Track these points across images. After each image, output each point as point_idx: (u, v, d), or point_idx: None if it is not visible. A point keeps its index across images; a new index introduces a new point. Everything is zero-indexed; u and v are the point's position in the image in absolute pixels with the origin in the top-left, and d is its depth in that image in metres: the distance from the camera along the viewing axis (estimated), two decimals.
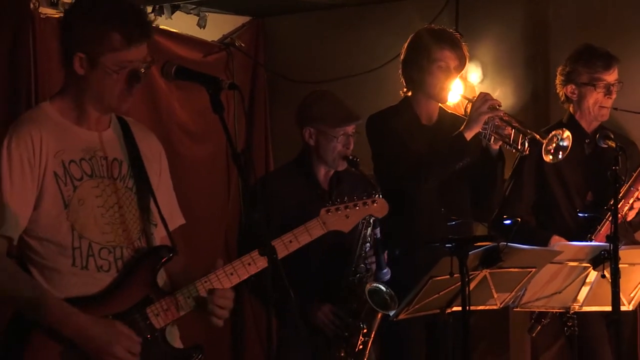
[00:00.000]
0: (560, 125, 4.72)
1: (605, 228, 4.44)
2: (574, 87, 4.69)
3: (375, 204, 3.55)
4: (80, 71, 3.03)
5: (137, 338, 3.03)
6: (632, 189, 4.46)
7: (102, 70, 3.01)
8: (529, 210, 4.74)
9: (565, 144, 4.22)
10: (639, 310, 4.47)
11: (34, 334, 2.99)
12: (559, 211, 4.70)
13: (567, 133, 4.22)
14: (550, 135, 4.19)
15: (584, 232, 4.54)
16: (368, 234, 4.08)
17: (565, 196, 4.68)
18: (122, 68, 3.01)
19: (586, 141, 4.66)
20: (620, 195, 4.41)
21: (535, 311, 4.45)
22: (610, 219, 4.29)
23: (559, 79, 4.75)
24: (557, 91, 4.77)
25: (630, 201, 4.47)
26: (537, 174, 4.64)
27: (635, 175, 4.46)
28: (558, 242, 4.49)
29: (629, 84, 4.90)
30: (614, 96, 4.66)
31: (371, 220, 4.08)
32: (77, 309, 2.99)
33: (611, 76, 4.65)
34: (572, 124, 4.68)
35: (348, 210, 3.47)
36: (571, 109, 4.74)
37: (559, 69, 4.76)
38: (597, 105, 4.65)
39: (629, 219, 4.54)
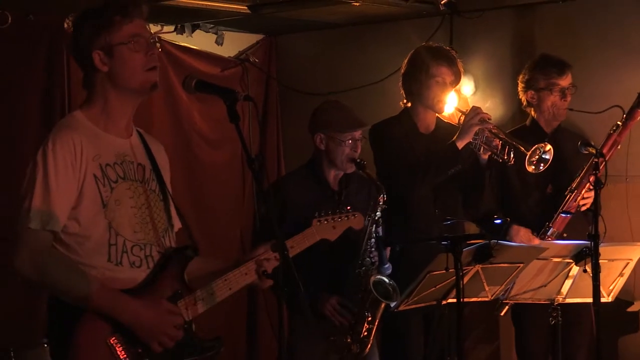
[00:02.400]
0: (523, 128, 4.78)
1: (561, 218, 4.47)
2: (533, 92, 4.72)
3: (354, 218, 3.60)
4: (103, 67, 3.02)
5: (178, 310, 3.02)
6: (584, 181, 4.45)
7: (119, 50, 3.01)
8: (498, 203, 4.72)
9: (547, 156, 4.25)
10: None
11: (80, 324, 2.94)
12: (516, 203, 4.71)
13: (549, 146, 4.25)
14: (533, 148, 4.21)
15: (540, 220, 4.55)
16: (373, 230, 4.07)
17: (522, 190, 4.69)
18: (133, 38, 3.02)
19: (545, 140, 4.66)
20: (574, 186, 4.43)
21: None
22: (565, 207, 4.44)
23: (520, 86, 4.79)
24: (519, 97, 4.79)
25: (582, 191, 4.46)
26: (500, 170, 4.61)
27: (586, 168, 4.44)
28: (518, 230, 4.53)
29: (604, 89, 4.90)
30: (568, 98, 4.69)
31: (377, 219, 4.07)
32: (127, 295, 2.97)
33: (565, 81, 4.67)
34: (533, 126, 4.75)
35: (334, 222, 3.53)
36: (532, 113, 4.76)
37: (520, 77, 4.80)
38: (554, 107, 4.67)
39: (582, 209, 4.51)
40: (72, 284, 2.92)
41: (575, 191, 4.46)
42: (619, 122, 4.50)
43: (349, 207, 3.64)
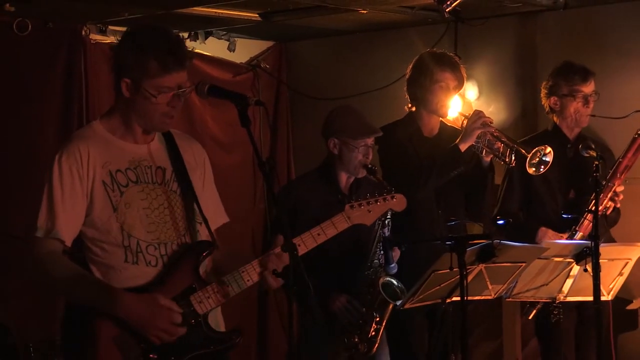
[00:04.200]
0: (546, 133, 4.76)
1: (587, 222, 4.45)
2: (556, 98, 4.70)
3: (394, 199, 3.49)
4: (127, 94, 3.03)
5: (177, 309, 3.01)
6: (609, 184, 4.44)
7: (143, 94, 3.01)
8: (520, 206, 4.73)
9: (547, 159, 4.24)
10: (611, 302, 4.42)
11: (90, 321, 2.99)
12: (542, 207, 4.70)
13: (549, 149, 4.24)
14: (534, 150, 4.21)
15: (565, 225, 4.53)
16: (381, 232, 4.06)
17: (548, 194, 4.68)
18: (160, 93, 3.01)
19: (568, 146, 4.66)
20: (599, 189, 4.41)
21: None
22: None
23: (543, 92, 4.76)
24: (542, 103, 4.78)
25: (608, 195, 4.45)
26: (524, 175, 4.61)
27: (611, 172, 4.44)
28: (545, 232, 4.53)
29: (606, 95, 4.91)
30: (591, 105, 4.66)
31: (386, 221, 4.07)
32: (122, 290, 2.99)
33: (588, 87, 4.65)
34: (556, 132, 4.72)
35: (370, 205, 3.40)
36: (555, 119, 4.74)
37: (543, 83, 4.78)
38: (576, 114, 4.66)
39: (608, 212, 4.51)
40: (69, 283, 3.00)
41: (602, 194, 4.41)
42: None
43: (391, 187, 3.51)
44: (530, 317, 4.53)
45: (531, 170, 4.23)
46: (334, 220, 3.32)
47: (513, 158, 4.25)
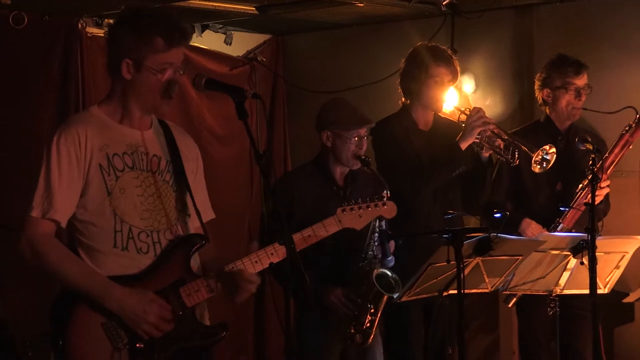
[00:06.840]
0: (538, 124, 4.77)
1: (572, 213, 4.46)
2: (549, 90, 4.70)
3: (385, 206, 3.54)
4: (128, 76, 3.04)
5: (167, 305, 3.03)
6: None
7: (146, 72, 3.02)
8: (507, 196, 4.73)
9: (548, 157, 4.24)
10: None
11: (78, 307, 3.00)
12: (527, 198, 4.70)
13: (553, 149, 4.24)
14: (539, 150, 4.19)
15: (549, 216, 4.53)
16: (377, 225, 4.06)
17: (534, 186, 4.68)
18: (163, 69, 3.02)
19: (559, 138, 4.65)
20: (585, 183, 4.41)
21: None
22: (575, 204, 4.44)
23: (536, 84, 4.77)
24: (536, 95, 4.77)
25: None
26: (513, 166, 4.59)
27: (597, 167, 4.43)
28: (529, 224, 4.53)
29: (602, 88, 4.90)
30: (583, 98, 4.66)
31: None
32: (115, 283, 2.99)
33: (581, 81, 4.65)
34: (547, 123, 4.73)
35: (361, 210, 3.47)
36: (547, 110, 4.75)
37: (537, 75, 4.78)
38: (569, 107, 4.65)
39: (595, 203, 4.50)
40: (64, 269, 3.00)
41: (587, 189, 4.43)
42: (631, 123, 4.49)
43: (384, 194, 3.51)
44: (510, 305, 4.53)
45: (536, 169, 4.24)
46: (325, 223, 3.38)
47: (517, 156, 4.24)
